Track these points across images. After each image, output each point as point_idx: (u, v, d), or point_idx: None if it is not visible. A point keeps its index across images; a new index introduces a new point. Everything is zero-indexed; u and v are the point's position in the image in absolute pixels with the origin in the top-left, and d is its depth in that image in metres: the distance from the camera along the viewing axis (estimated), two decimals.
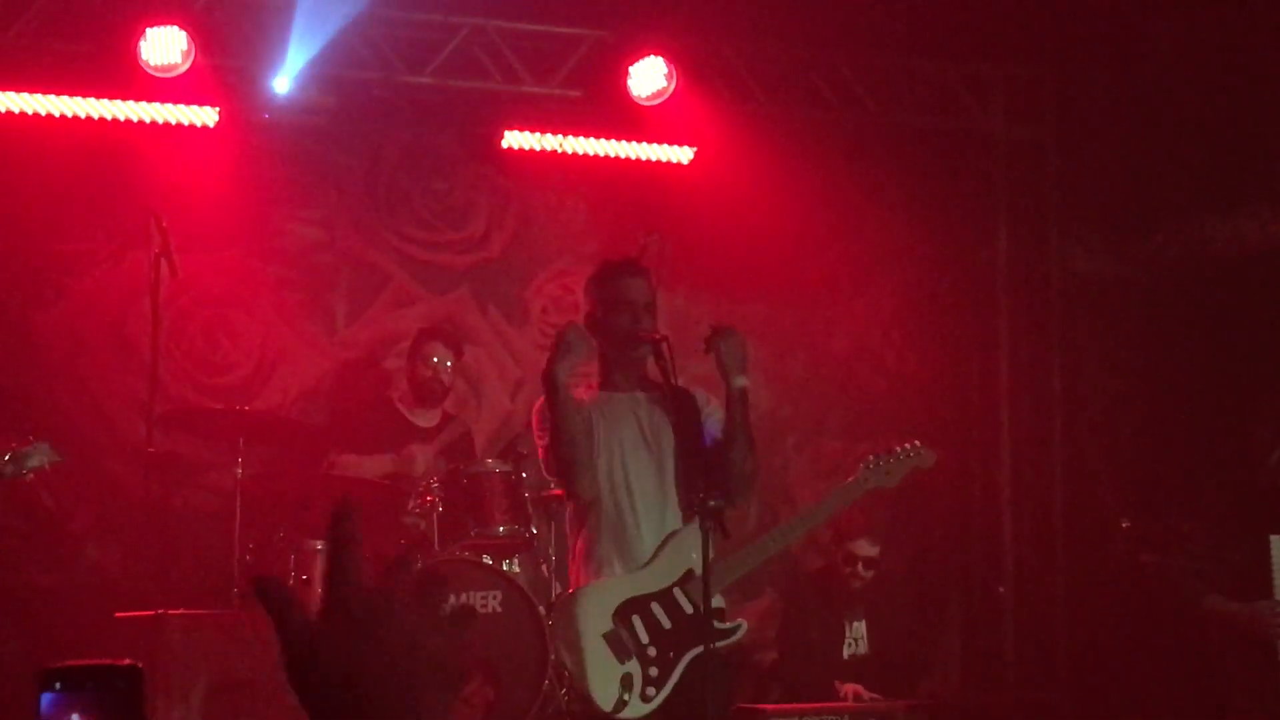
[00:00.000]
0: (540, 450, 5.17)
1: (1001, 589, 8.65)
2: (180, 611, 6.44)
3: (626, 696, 4.89)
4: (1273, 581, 6.01)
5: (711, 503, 4.81)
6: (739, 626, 5.07)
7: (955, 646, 8.91)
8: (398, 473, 7.23)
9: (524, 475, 6.91)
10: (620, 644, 4.94)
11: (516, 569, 6.94)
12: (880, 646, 7.33)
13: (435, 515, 6.80)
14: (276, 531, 6.99)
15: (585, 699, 4.98)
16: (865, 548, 7.29)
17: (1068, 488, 8.74)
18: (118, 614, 6.58)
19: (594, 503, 5.09)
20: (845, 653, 7.32)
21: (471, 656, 6.54)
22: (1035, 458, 8.88)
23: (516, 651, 6.56)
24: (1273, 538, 6.01)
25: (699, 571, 5.02)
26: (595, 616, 4.98)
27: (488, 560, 6.78)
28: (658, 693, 4.92)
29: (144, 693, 1.33)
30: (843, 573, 7.30)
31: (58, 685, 1.31)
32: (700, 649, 4.97)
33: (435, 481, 6.87)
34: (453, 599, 6.18)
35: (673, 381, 5.00)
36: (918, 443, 5.51)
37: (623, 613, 4.99)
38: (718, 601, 5.06)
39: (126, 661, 1.35)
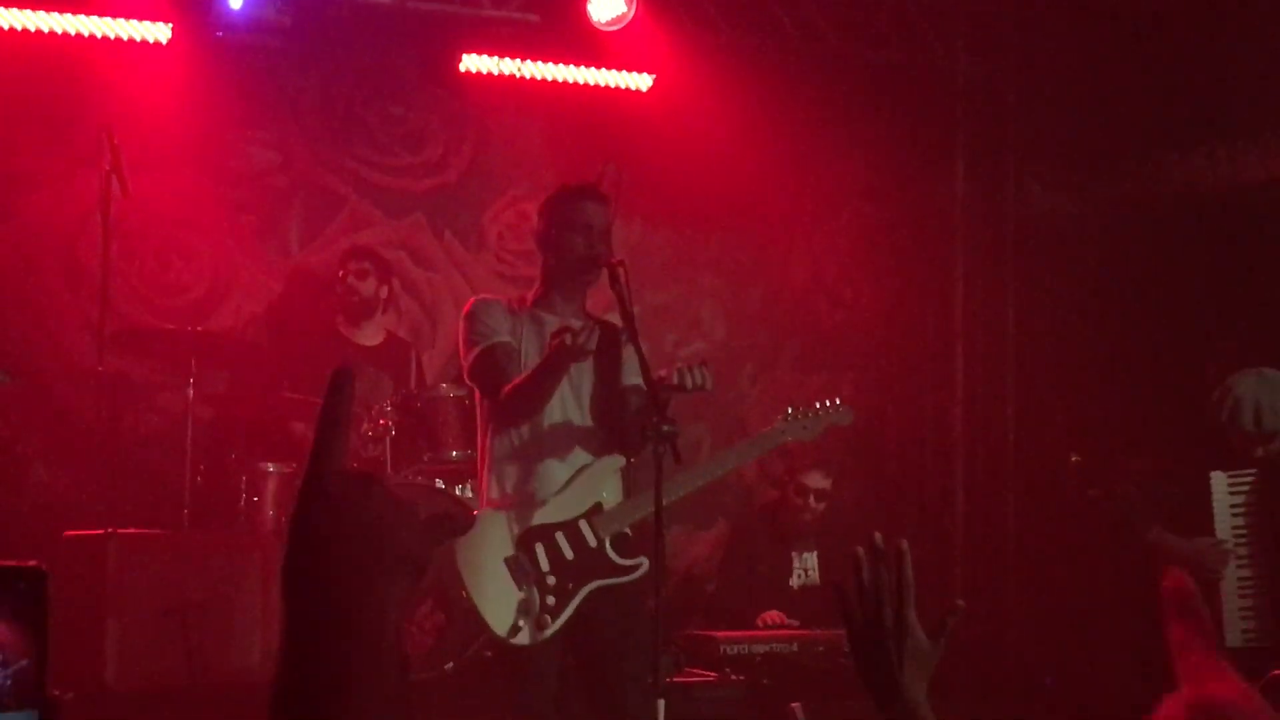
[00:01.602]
0: (465, 359, 5.14)
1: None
2: (130, 531, 6.41)
3: (521, 623, 4.90)
4: (1214, 518, 6.08)
5: (666, 428, 4.81)
6: (640, 564, 5.07)
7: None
8: None
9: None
10: (521, 571, 4.94)
11: (469, 494, 6.93)
12: (832, 577, 7.38)
13: (389, 439, 6.79)
14: (228, 453, 6.96)
15: (479, 623, 4.99)
16: (818, 480, 7.34)
17: (1020, 422, 8.81)
18: (67, 533, 6.54)
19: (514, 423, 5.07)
20: (795, 583, 7.37)
21: (423, 580, 6.55)
22: (988, 392, 8.93)
23: None
24: (1213, 474, 6.08)
25: (607, 506, 5.05)
26: (499, 542, 4.98)
27: (440, 484, 6.77)
28: (553, 621, 4.93)
29: (47, 595, 1.31)
30: (795, 504, 7.34)
31: None
32: (604, 581, 4.99)
33: (388, 405, 6.85)
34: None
35: (628, 307, 4.98)
36: (839, 400, 5.53)
37: (526, 540, 4.99)
38: (625, 531, 5.07)
39: (31, 563, 1.34)
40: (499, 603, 4.93)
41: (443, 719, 6.26)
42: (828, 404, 5.47)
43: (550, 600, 4.94)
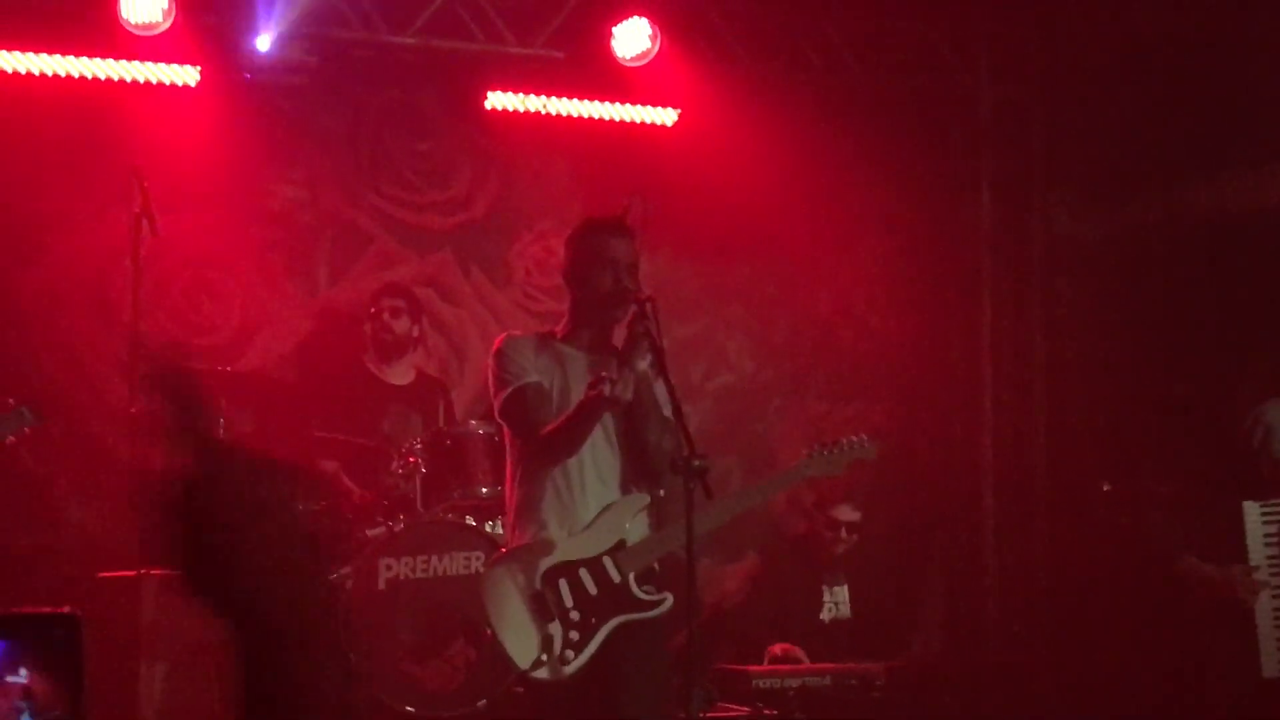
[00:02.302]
0: (496, 398, 5.14)
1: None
2: (162, 571, 6.44)
3: (544, 657, 4.91)
4: (1247, 546, 6.06)
5: (696, 463, 4.80)
6: (665, 599, 5.06)
7: (938, 610, 8.95)
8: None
9: None
10: (544, 606, 4.95)
11: (499, 531, 6.94)
12: (863, 610, 7.36)
13: (419, 476, 6.80)
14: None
15: (504, 658, 4.99)
16: (847, 513, 7.32)
17: (1049, 450, 8.78)
18: (100, 574, 6.58)
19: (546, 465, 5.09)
20: (825, 616, 7.35)
21: (454, 617, 6.55)
22: (1017, 420, 8.91)
23: None
24: (1246, 503, 6.06)
25: (630, 541, 5.05)
26: (524, 576, 4.99)
27: (470, 521, 6.78)
28: (576, 656, 4.93)
29: (82, 641, 1.33)
30: (825, 538, 7.33)
31: None
32: (626, 617, 4.99)
33: (418, 443, 6.87)
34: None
35: (659, 343, 4.98)
36: (864, 436, 5.54)
37: (550, 575, 4.99)
38: (654, 567, 5.08)
39: (65, 609, 1.35)
40: (522, 638, 4.94)
41: None
42: (853, 439, 5.47)
43: (573, 635, 4.95)
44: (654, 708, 4.94)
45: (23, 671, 1.20)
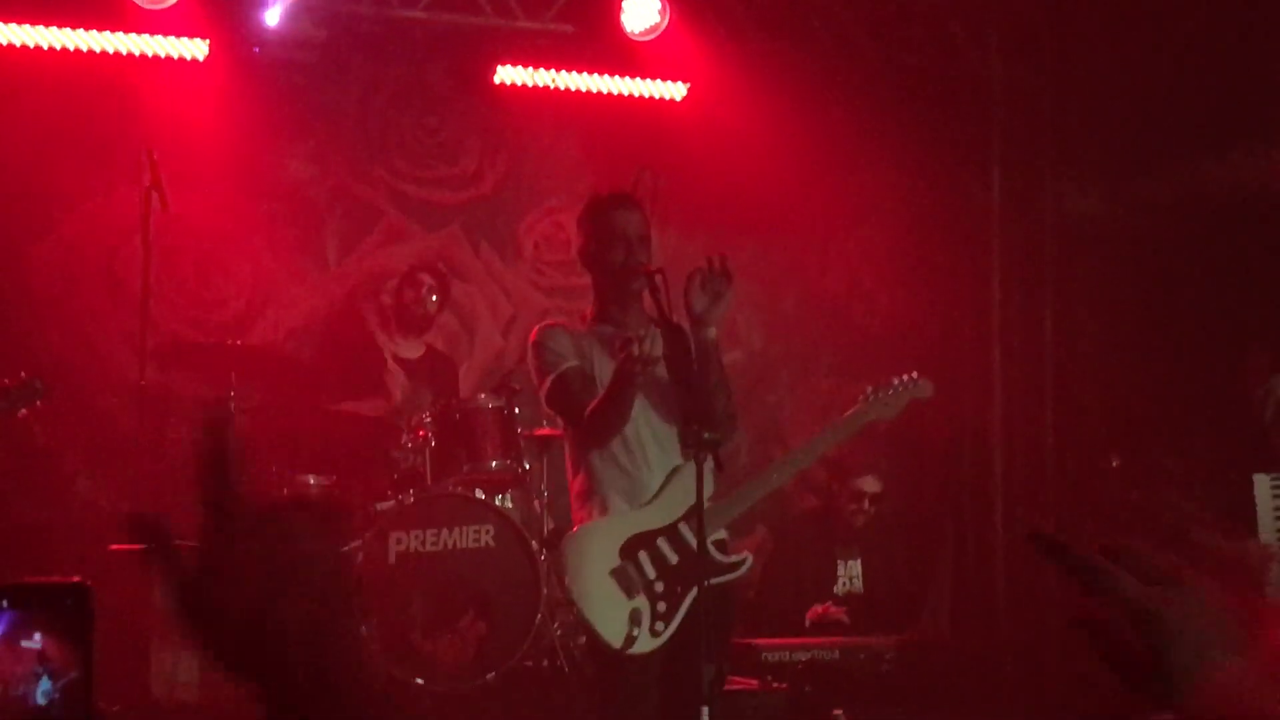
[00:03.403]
0: (541, 388, 5.14)
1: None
2: (175, 544, 6.44)
3: (635, 632, 4.87)
4: (1258, 520, 6.05)
5: (706, 435, 4.80)
6: (744, 560, 5.07)
7: (946, 585, 8.96)
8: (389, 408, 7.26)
9: (516, 411, 6.91)
10: (628, 580, 4.93)
11: (509, 504, 6.96)
12: (875, 584, 7.36)
13: (428, 450, 6.81)
14: (269, 466, 7.00)
15: (594, 636, 4.96)
16: (871, 484, 7.31)
17: (1059, 426, 8.77)
18: (112, 546, 6.59)
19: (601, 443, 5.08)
20: (840, 590, 7.35)
21: (464, 590, 6.57)
22: (1026, 397, 8.90)
23: (509, 586, 6.58)
24: (1256, 476, 6.05)
25: (705, 505, 5.02)
26: (602, 553, 4.95)
27: (480, 495, 6.79)
28: (666, 627, 4.91)
29: (94, 611, 1.31)
30: (846, 510, 7.31)
31: (4, 603, 1.30)
32: (711, 581, 4.98)
33: (428, 417, 6.87)
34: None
35: (668, 315, 4.98)
36: (915, 373, 5.50)
37: (629, 549, 4.97)
38: (722, 535, 5.08)
39: (75, 579, 1.34)
40: (610, 615, 4.89)
41: None
42: (905, 378, 5.44)
43: (661, 606, 4.93)
44: (721, 666, 4.98)
45: (37, 637, 1.21)
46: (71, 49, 7.35)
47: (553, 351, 5.11)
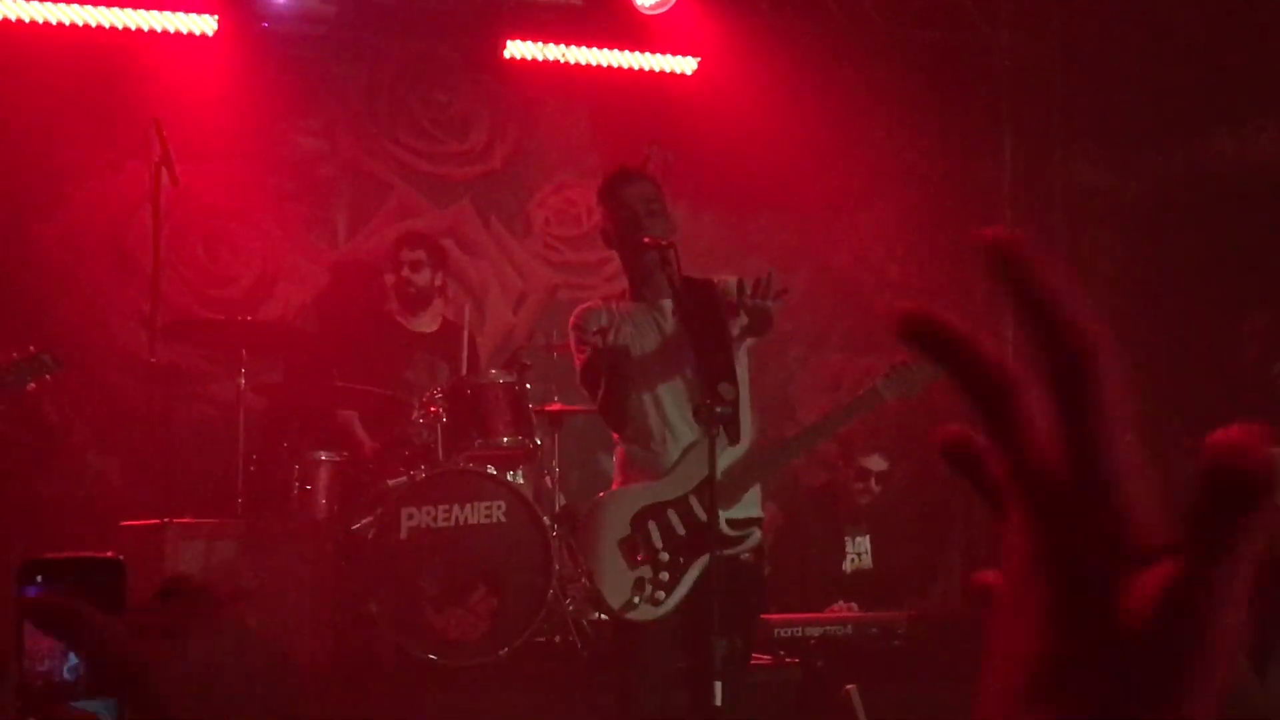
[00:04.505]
0: (578, 361, 5.24)
1: None
2: (185, 520, 6.46)
3: (636, 599, 5.03)
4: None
5: (718, 409, 4.81)
6: (750, 534, 5.10)
7: (956, 561, 8.96)
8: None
9: (528, 386, 6.90)
10: (634, 548, 5.06)
11: (521, 480, 6.94)
12: (884, 560, 7.36)
13: (440, 426, 6.79)
14: (280, 442, 6.99)
15: (599, 600, 5.14)
16: (877, 462, 7.32)
17: None
18: (122, 523, 6.59)
19: (630, 416, 5.21)
20: (847, 567, 7.35)
21: (476, 566, 6.56)
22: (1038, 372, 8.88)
23: (520, 561, 6.57)
24: (1274, 449, 6.03)
25: (718, 478, 5.05)
26: (614, 522, 5.11)
27: (492, 470, 6.78)
28: (668, 596, 5.02)
29: (126, 587, 1.30)
30: (853, 488, 7.32)
31: (39, 578, 1.29)
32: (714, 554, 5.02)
33: (439, 392, 6.86)
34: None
35: (678, 288, 4.99)
36: None
37: (639, 519, 5.11)
38: (749, 510, 5.12)
39: (109, 554, 1.33)
40: (616, 582, 5.06)
41: (497, 704, 6.28)
42: None
43: (664, 576, 5.05)
44: (737, 642, 5.01)
45: None
46: (81, 24, 7.32)
47: (586, 333, 5.22)
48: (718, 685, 4.79)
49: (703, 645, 4.89)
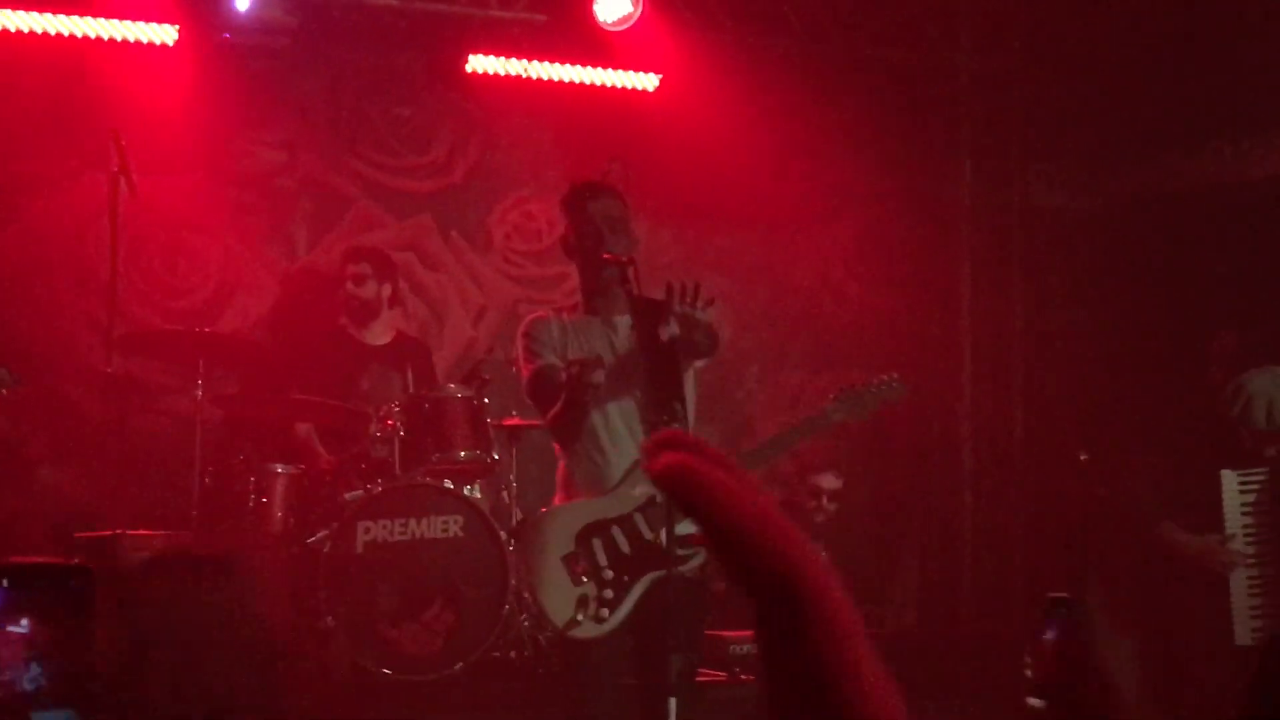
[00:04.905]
0: (524, 372, 5.20)
1: None
2: (140, 532, 6.42)
3: (580, 616, 4.97)
4: (1224, 516, 6.08)
5: (673, 426, 4.82)
6: (697, 552, 5.08)
7: (913, 578, 8.98)
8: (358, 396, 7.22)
9: (486, 401, 6.89)
10: (578, 565, 5.00)
11: (478, 494, 6.94)
12: (840, 577, 7.37)
13: (397, 439, 6.78)
14: (236, 454, 6.96)
15: (543, 617, 5.07)
16: (830, 481, 7.32)
17: (1027, 420, 8.80)
18: (76, 534, 6.55)
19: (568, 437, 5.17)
20: None
21: (432, 580, 6.54)
22: (995, 391, 8.93)
23: (477, 576, 6.56)
24: (1223, 472, 6.08)
25: (660, 499, 5.03)
26: (558, 538, 5.04)
27: (449, 485, 6.76)
28: (611, 614, 4.98)
29: (94, 594, 1.30)
30: (807, 506, 7.32)
31: (4, 582, 1.28)
32: (657, 574, 5.00)
33: (397, 406, 6.85)
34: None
35: (639, 302, 4.99)
36: (894, 375, 5.47)
37: (584, 536, 5.04)
38: (693, 526, 5.08)
39: (76, 561, 1.32)
40: (558, 598, 4.99)
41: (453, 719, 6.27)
42: (881, 379, 5.43)
43: (608, 594, 4.99)
44: (689, 657, 4.99)
45: (24, 621, 1.16)
46: (39, 32, 7.28)
47: (534, 344, 5.19)
48: (672, 701, 4.79)
49: (652, 662, 4.89)
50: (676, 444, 0.82)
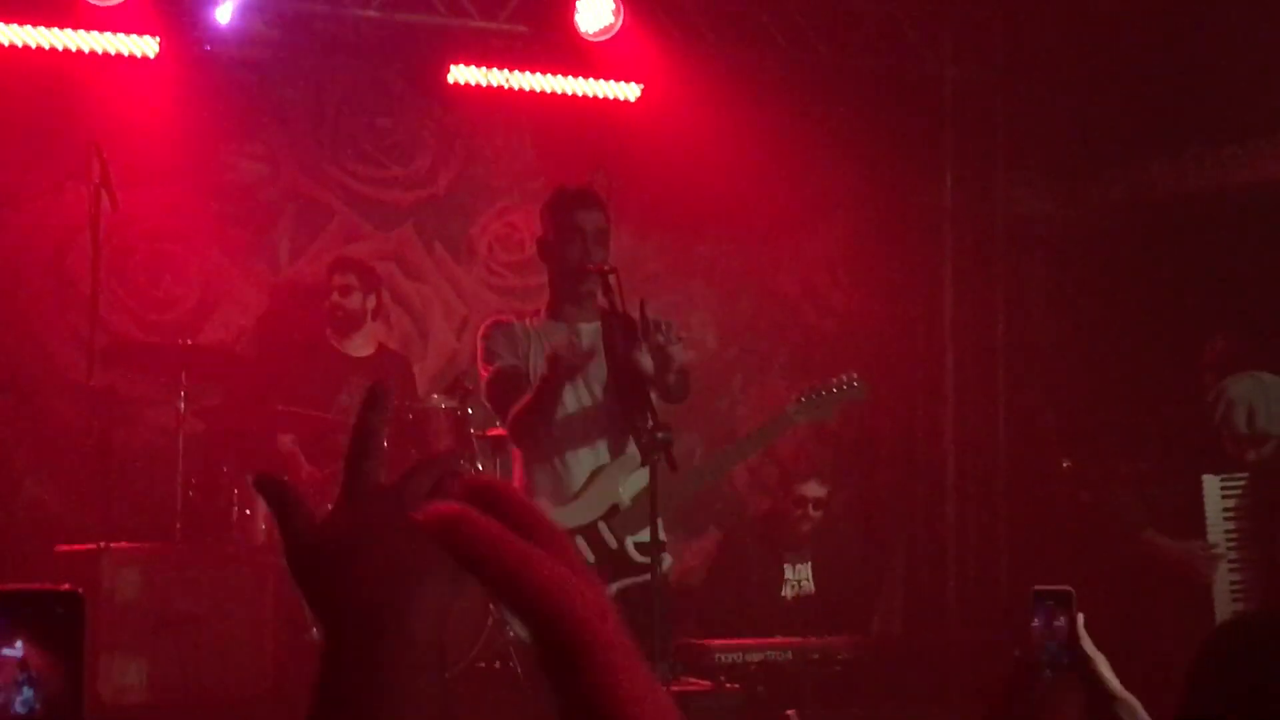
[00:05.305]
0: (482, 374, 5.18)
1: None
2: (123, 545, 6.40)
3: None
4: (1206, 521, 6.09)
5: (660, 435, 4.81)
6: (661, 561, 5.07)
7: (898, 586, 8.98)
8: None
9: (470, 411, 6.89)
10: None
11: None
12: (826, 586, 7.38)
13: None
14: (220, 466, 6.94)
15: (511, 627, 5.05)
16: (814, 489, 7.33)
17: (1010, 427, 8.81)
18: (59, 547, 6.53)
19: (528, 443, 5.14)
20: (788, 593, 7.36)
21: None
22: (978, 398, 8.94)
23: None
24: (1205, 478, 6.09)
25: (624, 506, 5.04)
26: None
27: None
28: None
29: (84, 619, 1.30)
30: (792, 515, 7.33)
31: None
32: (624, 581, 5.00)
33: None
34: None
35: (620, 314, 4.99)
36: (854, 375, 5.50)
37: None
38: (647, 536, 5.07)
39: (65, 586, 1.32)
40: None
41: None
42: (841, 379, 5.45)
43: None
44: (661, 666, 4.99)
45: (19, 644, 1.18)
46: (20, 45, 7.26)
47: (494, 347, 5.17)
48: None
49: None
50: (471, 494, 0.92)
